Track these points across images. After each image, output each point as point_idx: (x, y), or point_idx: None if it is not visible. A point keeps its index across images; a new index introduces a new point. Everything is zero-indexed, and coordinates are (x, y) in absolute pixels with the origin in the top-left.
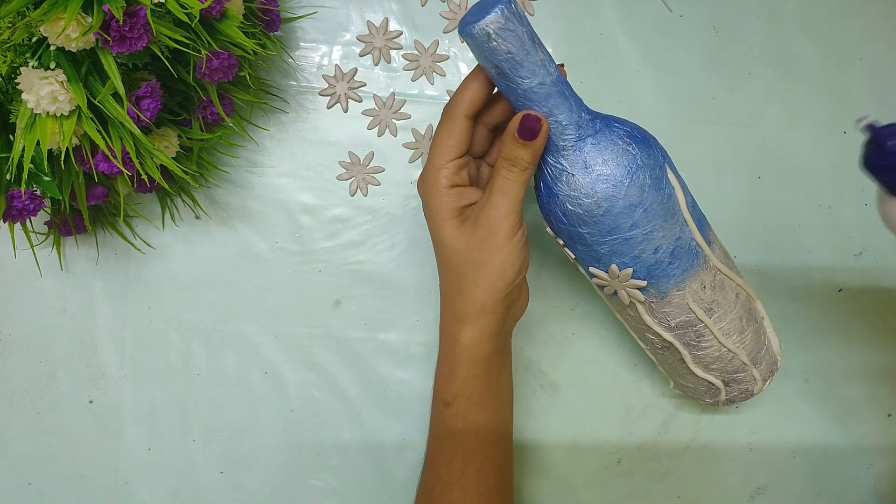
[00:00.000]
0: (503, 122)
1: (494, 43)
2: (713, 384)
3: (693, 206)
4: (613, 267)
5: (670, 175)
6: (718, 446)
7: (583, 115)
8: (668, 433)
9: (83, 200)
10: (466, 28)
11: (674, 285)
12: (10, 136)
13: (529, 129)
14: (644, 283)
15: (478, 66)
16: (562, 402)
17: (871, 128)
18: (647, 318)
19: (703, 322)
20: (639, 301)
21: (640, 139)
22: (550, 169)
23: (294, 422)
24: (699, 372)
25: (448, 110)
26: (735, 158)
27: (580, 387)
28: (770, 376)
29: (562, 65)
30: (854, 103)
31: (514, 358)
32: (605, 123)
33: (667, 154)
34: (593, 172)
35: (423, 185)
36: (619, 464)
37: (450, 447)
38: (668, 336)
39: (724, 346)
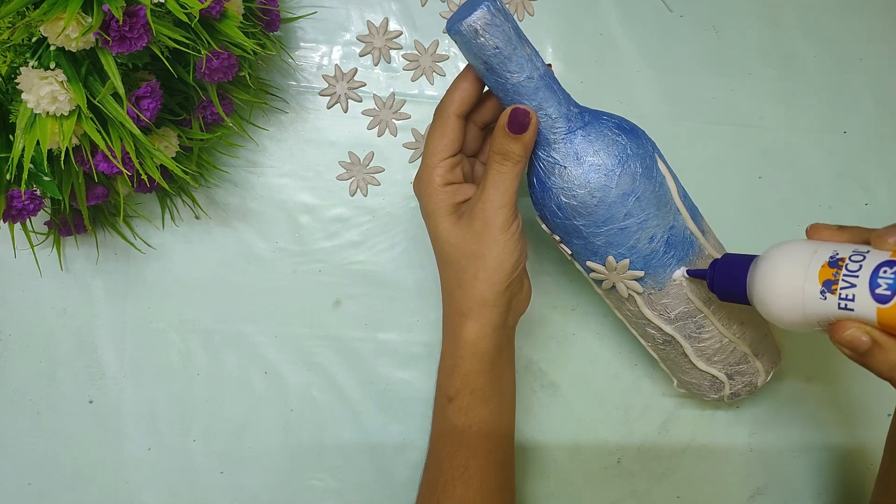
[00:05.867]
0: (494, 120)
1: (482, 39)
2: (717, 378)
3: (685, 195)
4: (610, 258)
5: (661, 165)
6: (718, 446)
7: (571, 108)
8: (668, 433)
9: (83, 200)
10: (455, 26)
11: (671, 275)
12: (10, 136)
13: (519, 123)
14: (641, 274)
15: (467, 66)
16: (562, 402)
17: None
18: (647, 311)
19: (702, 312)
20: (637, 293)
21: (629, 130)
22: (542, 163)
23: (294, 422)
24: (702, 365)
25: (439, 110)
26: (735, 158)
27: (580, 387)
28: (773, 367)
29: (549, 64)
30: (854, 103)
31: (514, 358)
32: (593, 116)
33: (656, 145)
34: (585, 163)
35: (419, 184)
36: (619, 464)
37: (452, 442)
38: (668, 329)
39: (726, 337)
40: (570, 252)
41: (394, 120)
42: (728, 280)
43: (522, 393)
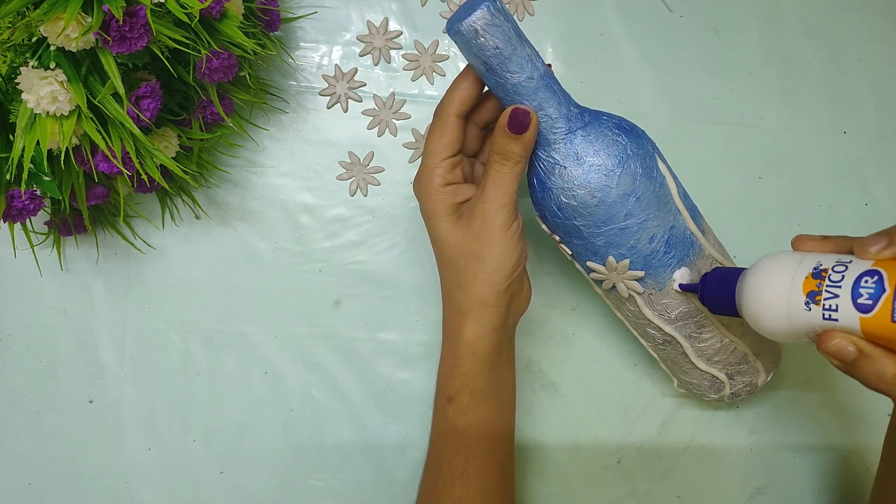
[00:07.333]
0: (494, 121)
1: (482, 39)
2: (717, 378)
3: (685, 195)
4: (611, 259)
5: (661, 165)
6: (718, 446)
7: (571, 108)
8: (668, 433)
9: (83, 200)
10: (455, 26)
11: (671, 275)
12: (10, 136)
13: (519, 123)
14: (641, 274)
15: (467, 66)
16: (562, 402)
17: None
18: (647, 311)
19: (702, 312)
20: (637, 293)
21: (629, 130)
22: (542, 163)
23: (294, 422)
24: (702, 365)
25: (439, 110)
26: (735, 158)
27: (580, 387)
28: (773, 367)
29: (549, 64)
30: (854, 103)
31: (515, 358)
32: (593, 116)
33: (656, 145)
34: (585, 163)
35: (419, 184)
36: (619, 464)
37: (452, 443)
38: (668, 329)
39: (726, 337)
40: (570, 252)
41: (394, 120)
42: (718, 294)
43: (522, 393)
